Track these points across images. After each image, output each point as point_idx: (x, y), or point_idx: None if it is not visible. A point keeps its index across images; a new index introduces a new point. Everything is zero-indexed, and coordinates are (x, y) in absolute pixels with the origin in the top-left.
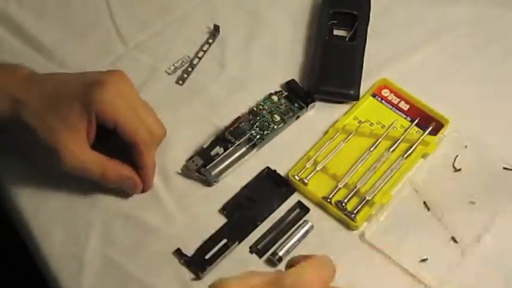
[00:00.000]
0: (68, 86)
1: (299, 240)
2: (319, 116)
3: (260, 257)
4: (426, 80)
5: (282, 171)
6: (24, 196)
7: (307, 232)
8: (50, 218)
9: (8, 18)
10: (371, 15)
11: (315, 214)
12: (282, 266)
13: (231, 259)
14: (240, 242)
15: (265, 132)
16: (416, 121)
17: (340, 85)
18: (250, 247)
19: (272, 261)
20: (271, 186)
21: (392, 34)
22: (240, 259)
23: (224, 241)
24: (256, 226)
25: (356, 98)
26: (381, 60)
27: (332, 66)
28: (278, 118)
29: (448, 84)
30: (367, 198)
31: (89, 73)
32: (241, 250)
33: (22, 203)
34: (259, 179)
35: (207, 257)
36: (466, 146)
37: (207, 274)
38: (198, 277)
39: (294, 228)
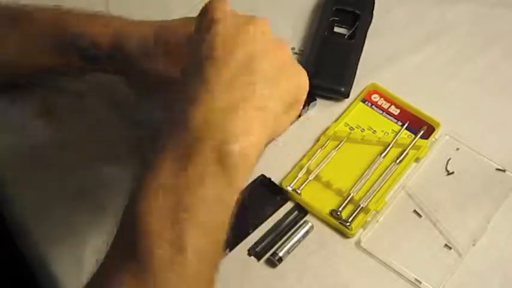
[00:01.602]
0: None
1: (299, 241)
2: (320, 116)
3: (258, 259)
4: (424, 81)
5: (278, 178)
6: (25, 197)
7: (307, 233)
8: (50, 218)
9: None
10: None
11: (310, 222)
12: (282, 266)
13: (229, 262)
14: (231, 249)
15: None
16: (406, 125)
17: (331, 81)
18: (249, 250)
19: (272, 262)
20: (265, 194)
21: (392, 34)
22: (238, 262)
23: None
24: (248, 234)
25: (346, 95)
26: (379, 61)
27: (327, 62)
28: None
29: (446, 85)
30: (362, 205)
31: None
32: (240, 253)
33: (22, 203)
34: (254, 186)
35: None
36: (457, 149)
37: None
38: None
39: (294, 229)
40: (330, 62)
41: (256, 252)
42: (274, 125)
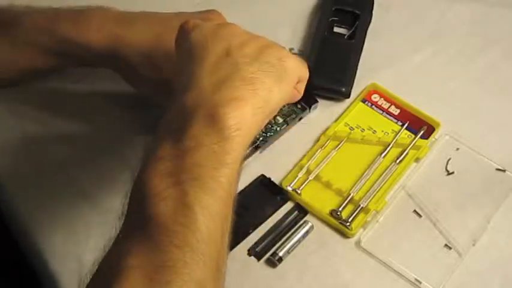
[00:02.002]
0: (170, 22)
1: (299, 241)
2: (320, 116)
3: (258, 259)
4: (424, 81)
5: (278, 178)
6: (24, 197)
7: (307, 233)
8: (50, 218)
9: None
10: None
11: (310, 222)
12: (282, 266)
13: (229, 262)
14: (231, 249)
15: (268, 134)
16: (406, 125)
17: (332, 81)
18: (249, 250)
19: (272, 262)
20: (265, 194)
21: (392, 34)
22: (238, 262)
23: None
24: (248, 234)
25: (347, 95)
26: (379, 61)
27: (327, 62)
28: (281, 120)
29: (446, 85)
30: (362, 205)
31: (186, 13)
32: (240, 253)
33: (22, 203)
34: (254, 186)
35: None
36: (457, 149)
37: None
38: None
39: (294, 229)
40: (330, 62)
41: (256, 252)
42: (266, 96)
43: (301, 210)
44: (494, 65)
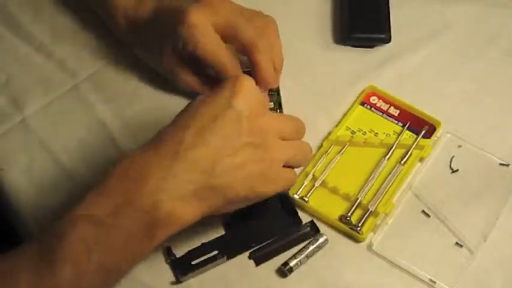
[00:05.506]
0: None
1: (313, 251)
2: (320, 122)
3: (257, 264)
4: (424, 81)
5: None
6: (24, 196)
7: (319, 247)
8: (50, 218)
9: (7, 16)
10: None
11: (320, 229)
12: (292, 276)
13: (229, 263)
14: (228, 258)
15: None
16: (407, 125)
17: (371, 30)
18: (250, 253)
19: (282, 272)
20: (277, 209)
21: (392, 34)
22: (239, 264)
23: (215, 252)
24: (250, 248)
25: (388, 40)
26: (379, 61)
27: (361, 14)
28: None
29: (446, 85)
30: (370, 209)
31: None
32: (242, 256)
33: (22, 203)
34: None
35: (193, 262)
36: (460, 146)
37: (191, 278)
38: (178, 280)
39: (307, 241)
40: (364, 14)
41: (256, 257)
42: None
43: (313, 227)
44: (494, 65)
